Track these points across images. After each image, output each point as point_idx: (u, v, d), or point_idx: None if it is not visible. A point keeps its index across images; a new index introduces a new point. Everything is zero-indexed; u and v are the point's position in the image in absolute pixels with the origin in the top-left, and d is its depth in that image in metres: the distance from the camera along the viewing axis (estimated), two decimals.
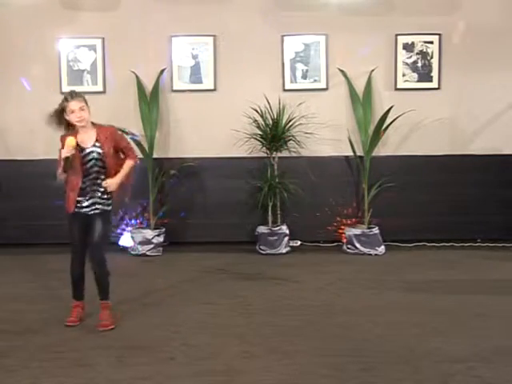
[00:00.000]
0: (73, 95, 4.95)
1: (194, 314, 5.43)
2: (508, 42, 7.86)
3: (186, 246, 7.84)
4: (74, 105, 4.90)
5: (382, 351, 4.56)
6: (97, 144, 4.99)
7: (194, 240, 7.95)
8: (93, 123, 5.04)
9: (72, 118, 4.93)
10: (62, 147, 4.91)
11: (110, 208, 5.12)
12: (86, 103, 4.99)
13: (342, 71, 7.84)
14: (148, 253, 7.56)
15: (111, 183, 5.02)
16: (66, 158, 4.84)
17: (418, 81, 7.92)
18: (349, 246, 7.65)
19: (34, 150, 7.89)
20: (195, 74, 7.92)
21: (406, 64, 7.91)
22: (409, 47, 7.89)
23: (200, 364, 4.38)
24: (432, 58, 7.89)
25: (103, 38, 7.85)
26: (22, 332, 5.00)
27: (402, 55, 7.90)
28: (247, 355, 4.54)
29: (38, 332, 5.00)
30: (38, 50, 7.86)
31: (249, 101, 7.61)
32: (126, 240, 7.82)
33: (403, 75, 7.92)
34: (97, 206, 5.04)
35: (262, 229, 7.63)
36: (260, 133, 7.58)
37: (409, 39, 7.88)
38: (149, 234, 7.61)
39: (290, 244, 7.72)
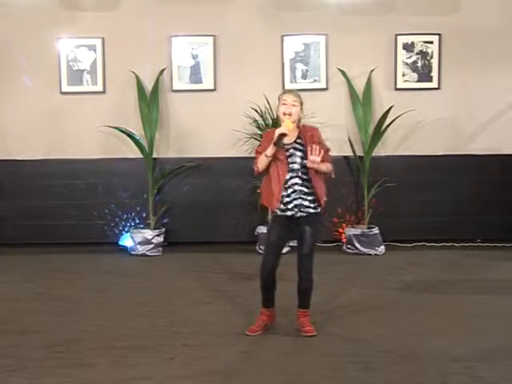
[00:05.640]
0: (292, 91, 4.98)
1: (194, 313, 5.44)
2: (508, 41, 7.86)
3: (185, 245, 7.83)
4: (287, 97, 4.83)
5: (381, 351, 4.56)
6: (298, 141, 4.84)
7: (193, 240, 7.95)
8: (297, 126, 4.86)
9: (281, 108, 4.83)
10: (263, 143, 4.85)
11: (318, 211, 4.87)
12: (301, 105, 4.85)
13: (341, 71, 7.84)
14: (148, 253, 7.56)
15: (315, 160, 4.69)
16: (281, 134, 4.69)
17: (417, 81, 7.92)
18: (349, 246, 7.66)
19: (34, 150, 7.90)
20: (195, 73, 7.93)
21: (406, 64, 7.91)
22: (409, 47, 7.89)
23: (200, 364, 4.38)
24: (432, 58, 7.89)
25: (103, 38, 7.85)
26: (22, 332, 5.00)
27: (402, 55, 7.91)
28: (247, 355, 4.54)
29: (37, 332, 5.00)
30: (38, 49, 7.86)
31: (249, 101, 7.61)
32: (126, 240, 7.82)
33: (403, 75, 7.92)
34: (303, 209, 4.83)
35: (261, 229, 7.61)
36: (260, 133, 7.55)
37: (409, 39, 7.88)
38: (149, 234, 7.61)
39: (290, 244, 7.70)
